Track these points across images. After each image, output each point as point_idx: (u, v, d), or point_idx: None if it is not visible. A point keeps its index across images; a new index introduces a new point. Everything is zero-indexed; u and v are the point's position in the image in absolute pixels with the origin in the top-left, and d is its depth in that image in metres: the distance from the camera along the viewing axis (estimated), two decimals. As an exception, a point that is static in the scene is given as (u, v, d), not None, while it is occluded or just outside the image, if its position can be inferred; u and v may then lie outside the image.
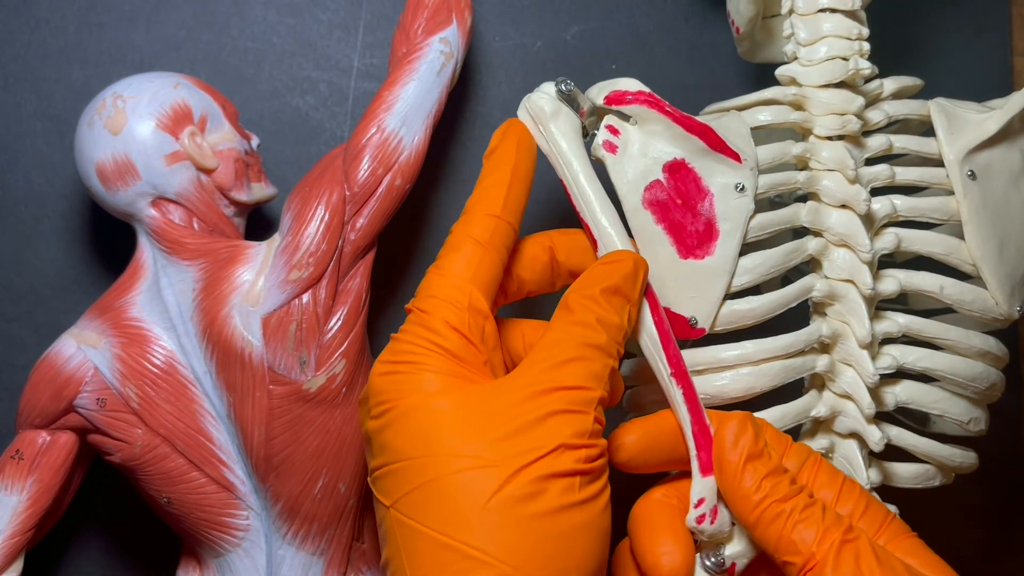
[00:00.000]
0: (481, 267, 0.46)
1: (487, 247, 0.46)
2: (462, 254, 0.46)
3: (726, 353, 0.50)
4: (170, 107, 0.52)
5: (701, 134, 0.49)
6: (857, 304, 0.50)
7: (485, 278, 0.46)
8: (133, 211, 0.52)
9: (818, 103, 0.52)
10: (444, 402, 0.42)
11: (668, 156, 0.50)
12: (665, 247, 0.49)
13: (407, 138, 0.53)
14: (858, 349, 0.50)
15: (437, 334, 0.44)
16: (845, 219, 0.50)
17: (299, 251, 0.51)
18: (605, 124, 0.50)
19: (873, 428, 0.50)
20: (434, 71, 0.54)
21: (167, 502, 0.51)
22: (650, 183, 0.50)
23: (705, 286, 0.49)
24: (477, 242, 0.46)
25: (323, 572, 0.52)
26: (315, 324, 0.51)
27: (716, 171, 0.50)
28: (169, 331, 0.51)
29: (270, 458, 0.50)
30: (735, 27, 0.55)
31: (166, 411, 0.51)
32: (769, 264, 0.50)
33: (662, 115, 0.50)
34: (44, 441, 0.52)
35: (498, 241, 0.47)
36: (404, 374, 0.43)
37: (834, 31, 0.52)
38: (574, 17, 0.61)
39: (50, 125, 0.58)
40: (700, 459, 0.46)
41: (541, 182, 0.51)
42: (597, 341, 0.44)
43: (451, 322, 0.44)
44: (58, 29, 0.59)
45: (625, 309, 0.46)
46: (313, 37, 0.60)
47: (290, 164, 0.59)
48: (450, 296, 0.45)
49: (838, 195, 0.51)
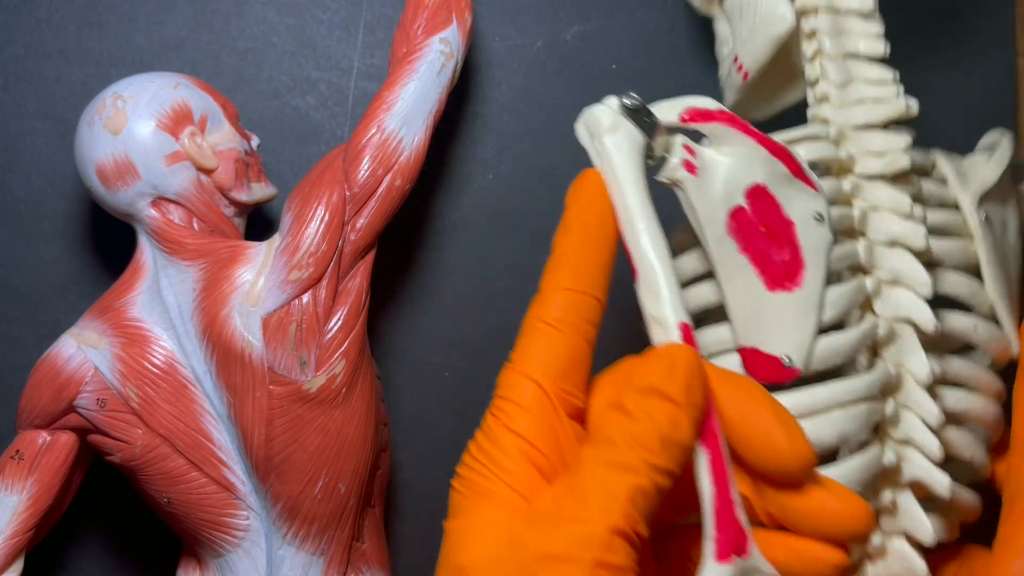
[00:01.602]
0: (554, 350, 0.40)
1: (561, 327, 0.41)
2: (531, 340, 0.41)
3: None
4: (170, 107, 0.52)
5: (784, 158, 0.46)
6: (914, 343, 0.48)
7: (560, 363, 0.40)
8: (133, 211, 0.52)
9: (859, 142, 0.50)
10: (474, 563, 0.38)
11: (750, 181, 0.45)
12: (750, 278, 0.45)
13: (407, 138, 0.53)
14: (918, 390, 0.48)
15: (504, 452, 0.39)
16: (899, 256, 0.49)
17: (299, 251, 0.51)
18: (682, 143, 0.45)
19: (940, 473, 0.47)
20: (434, 71, 0.54)
21: (167, 502, 0.51)
22: (732, 209, 0.45)
23: (797, 320, 0.45)
24: (547, 323, 0.41)
25: (323, 572, 0.52)
26: (315, 324, 0.51)
27: (796, 199, 0.46)
28: (169, 331, 0.51)
29: (270, 458, 0.50)
30: (743, 72, 0.53)
31: (166, 411, 0.51)
32: (848, 298, 0.47)
33: (746, 136, 0.46)
34: (44, 441, 0.52)
35: (575, 318, 0.41)
36: (463, 518, 0.40)
37: (871, 74, 0.51)
38: (574, 17, 0.61)
39: (50, 125, 0.58)
40: (718, 542, 0.39)
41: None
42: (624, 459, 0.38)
43: (517, 431, 0.39)
44: (58, 29, 0.59)
45: (667, 412, 0.38)
46: (313, 37, 0.60)
47: (290, 164, 0.59)
48: (519, 397, 0.40)
49: (892, 232, 0.49)
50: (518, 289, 0.60)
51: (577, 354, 0.41)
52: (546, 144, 0.60)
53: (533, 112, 0.61)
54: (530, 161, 0.60)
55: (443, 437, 0.59)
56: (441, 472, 0.59)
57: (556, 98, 0.61)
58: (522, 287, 0.60)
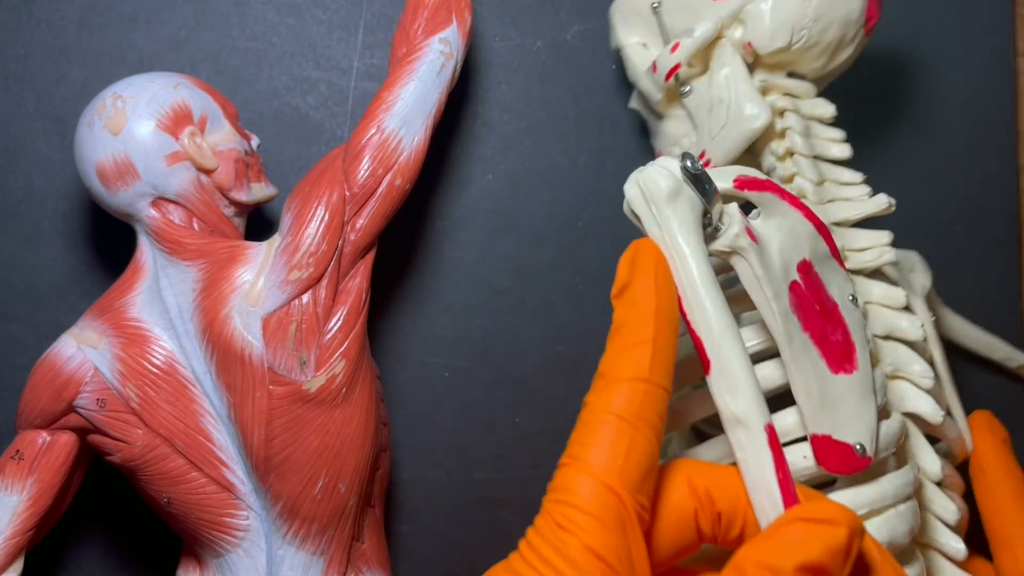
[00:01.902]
0: (633, 455, 0.36)
1: (638, 424, 0.36)
2: (605, 438, 0.36)
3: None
4: (170, 107, 0.52)
5: (825, 236, 0.44)
6: (922, 438, 0.47)
7: (638, 470, 0.36)
8: (133, 211, 0.52)
9: (842, 237, 0.50)
10: None
11: (800, 255, 0.43)
12: (815, 359, 0.42)
13: (407, 138, 0.53)
14: (932, 487, 0.47)
15: (580, 572, 0.34)
16: (898, 349, 0.48)
17: (299, 251, 0.51)
18: (739, 212, 0.42)
19: (956, 538, 0.46)
20: (434, 71, 0.54)
21: (167, 502, 0.51)
22: (791, 283, 0.42)
23: (862, 406, 0.42)
24: (623, 419, 0.36)
25: (323, 572, 0.51)
26: (315, 324, 0.51)
27: (834, 279, 0.44)
28: (169, 331, 0.51)
29: (270, 458, 0.50)
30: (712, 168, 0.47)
31: (166, 411, 0.51)
32: (885, 384, 0.45)
33: (795, 208, 0.43)
34: (44, 441, 0.52)
35: (650, 413, 0.37)
36: None
37: (842, 176, 0.52)
38: (574, 17, 0.61)
39: (50, 125, 0.58)
40: None
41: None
42: None
43: (595, 549, 0.34)
44: (58, 29, 0.59)
45: None
46: (313, 37, 0.60)
47: (290, 164, 0.59)
48: (595, 508, 0.35)
49: (889, 325, 0.48)
50: (518, 289, 0.60)
51: (653, 459, 0.37)
52: (546, 144, 0.60)
53: (533, 112, 0.61)
54: (530, 161, 0.60)
55: (443, 437, 0.59)
56: (441, 472, 0.59)
57: (556, 98, 0.61)
58: (522, 287, 0.60)
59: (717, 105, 0.52)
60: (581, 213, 0.60)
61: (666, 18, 0.54)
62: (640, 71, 0.55)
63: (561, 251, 0.60)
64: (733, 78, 0.52)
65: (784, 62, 0.53)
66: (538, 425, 0.59)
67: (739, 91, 0.51)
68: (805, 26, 0.51)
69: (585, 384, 0.61)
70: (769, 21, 0.51)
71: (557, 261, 0.60)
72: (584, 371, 0.59)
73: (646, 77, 0.54)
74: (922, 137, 0.62)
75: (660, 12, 0.54)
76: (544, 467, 0.58)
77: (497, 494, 0.59)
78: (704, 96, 0.53)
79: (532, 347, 0.59)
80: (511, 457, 0.59)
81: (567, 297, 0.60)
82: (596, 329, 0.59)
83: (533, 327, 0.59)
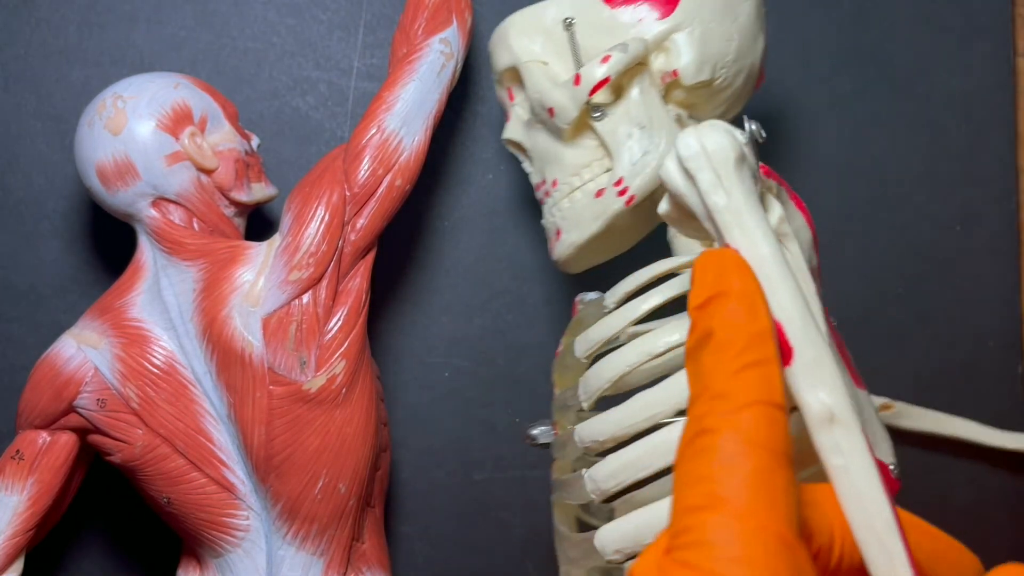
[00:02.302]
0: (790, 493, 0.30)
1: (783, 457, 0.30)
2: (759, 475, 0.29)
3: None
4: (170, 107, 0.52)
5: (817, 250, 0.42)
6: None
7: (795, 511, 0.30)
8: (133, 211, 0.52)
9: None
10: None
11: (809, 260, 0.40)
12: (842, 367, 0.38)
13: (407, 138, 0.53)
14: None
15: None
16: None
17: (299, 251, 0.51)
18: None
19: None
20: (434, 71, 0.54)
21: (167, 502, 0.51)
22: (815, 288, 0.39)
23: (880, 424, 0.40)
24: (770, 451, 0.30)
25: (323, 572, 0.51)
26: (315, 324, 0.51)
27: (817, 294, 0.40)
28: (169, 331, 0.51)
29: (270, 458, 0.50)
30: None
31: (166, 411, 0.51)
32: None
33: (800, 212, 0.41)
34: (44, 441, 0.52)
35: (788, 443, 0.31)
36: None
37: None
38: (574, 17, 0.61)
39: (50, 125, 0.58)
40: None
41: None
42: None
43: None
44: (58, 29, 0.59)
45: None
46: (313, 37, 0.60)
47: (290, 164, 0.59)
48: (774, 566, 0.28)
49: None
50: (518, 289, 0.60)
51: (797, 494, 0.31)
52: (546, 144, 0.60)
53: (533, 112, 0.60)
54: (530, 161, 0.60)
55: (443, 437, 0.59)
56: (441, 472, 0.59)
57: (556, 98, 0.61)
58: (522, 287, 0.60)
59: (638, 132, 0.49)
60: (581, 213, 0.60)
61: (579, 37, 0.50)
62: (547, 86, 0.50)
63: (561, 251, 0.60)
64: (656, 106, 0.49)
65: (692, 101, 0.51)
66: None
67: (664, 120, 0.49)
68: (725, 65, 0.50)
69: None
70: (696, 52, 0.49)
71: (557, 261, 0.60)
72: (584, 371, 0.59)
73: (561, 91, 0.49)
74: (922, 137, 0.62)
75: (573, 30, 0.50)
76: (544, 467, 0.58)
77: (497, 494, 0.59)
78: (620, 122, 0.49)
79: (532, 347, 0.59)
80: (511, 457, 0.59)
81: (567, 297, 0.60)
82: (596, 329, 0.59)
83: (533, 327, 0.59)
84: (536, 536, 0.58)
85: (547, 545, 0.58)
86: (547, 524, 0.58)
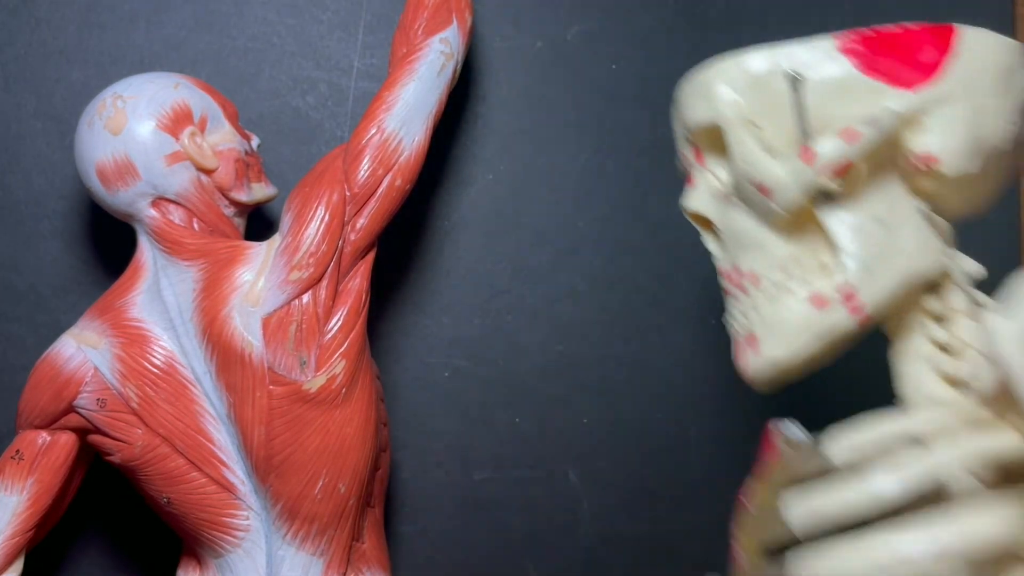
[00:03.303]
0: None
1: None
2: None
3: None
4: (170, 107, 0.52)
5: None
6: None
7: None
8: (133, 211, 0.52)
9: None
10: None
11: None
12: None
13: (407, 138, 0.53)
14: None
15: None
16: None
17: (299, 251, 0.51)
18: None
19: None
20: (434, 71, 0.54)
21: (167, 502, 0.51)
22: None
23: None
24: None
25: (323, 572, 0.51)
26: (315, 324, 0.51)
27: None
28: (169, 331, 0.51)
29: (270, 458, 0.50)
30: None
31: (166, 411, 0.51)
32: None
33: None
34: (44, 441, 0.52)
35: None
36: None
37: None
38: (574, 17, 0.61)
39: (50, 125, 0.58)
40: None
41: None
42: None
43: None
44: (58, 29, 0.59)
45: None
46: (313, 37, 0.60)
47: (290, 164, 0.59)
48: None
49: None
50: (518, 289, 0.60)
51: None
52: (546, 144, 0.60)
53: (533, 112, 0.61)
54: (530, 161, 0.60)
55: (443, 437, 0.59)
56: (441, 472, 0.59)
57: (556, 98, 0.61)
58: (522, 287, 0.60)
59: (875, 228, 0.40)
60: (581, 213, 0.60)
61: (809, 98, 0.41)
62: (763, 157, 0.41)
63: (561, 251, 0.60)
64: (900, 197, 0.41)
65: (942, 192, 0.41)
66: (538, 425, 0.59)
67: (908, 215, 0.40)
68: (997, 153, 0.40)
69: (585, 384, 0.61)
70: (966, 136, 0.40)
71: (557, 261, 0.60)
72: (584, 371, 0.59)
73: (782, 167, 0.40)
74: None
75: (801, 88, 0.40)
76: (544, 467, 0.58)
77: (497, 494, 0.59)
78: (852, 212, 0.40)
79: (532, 347, 0.59)
80: (511, 457, 0.59)
81: (567, 297, 0.60)
82: (596, 329, 0.59)
83: (533, 327, 0.59)
84: (536, 536, 0.58)
85: (547, 545, 0.58)
86: (547, 524, 0.58)
